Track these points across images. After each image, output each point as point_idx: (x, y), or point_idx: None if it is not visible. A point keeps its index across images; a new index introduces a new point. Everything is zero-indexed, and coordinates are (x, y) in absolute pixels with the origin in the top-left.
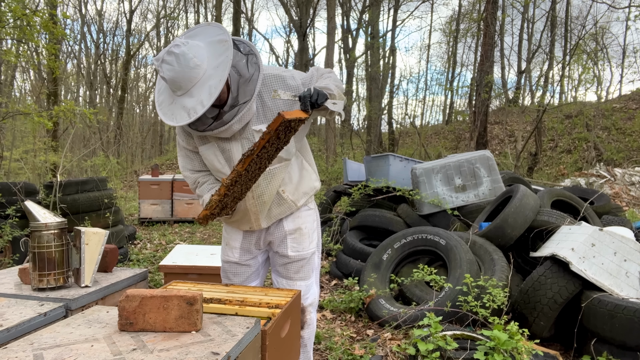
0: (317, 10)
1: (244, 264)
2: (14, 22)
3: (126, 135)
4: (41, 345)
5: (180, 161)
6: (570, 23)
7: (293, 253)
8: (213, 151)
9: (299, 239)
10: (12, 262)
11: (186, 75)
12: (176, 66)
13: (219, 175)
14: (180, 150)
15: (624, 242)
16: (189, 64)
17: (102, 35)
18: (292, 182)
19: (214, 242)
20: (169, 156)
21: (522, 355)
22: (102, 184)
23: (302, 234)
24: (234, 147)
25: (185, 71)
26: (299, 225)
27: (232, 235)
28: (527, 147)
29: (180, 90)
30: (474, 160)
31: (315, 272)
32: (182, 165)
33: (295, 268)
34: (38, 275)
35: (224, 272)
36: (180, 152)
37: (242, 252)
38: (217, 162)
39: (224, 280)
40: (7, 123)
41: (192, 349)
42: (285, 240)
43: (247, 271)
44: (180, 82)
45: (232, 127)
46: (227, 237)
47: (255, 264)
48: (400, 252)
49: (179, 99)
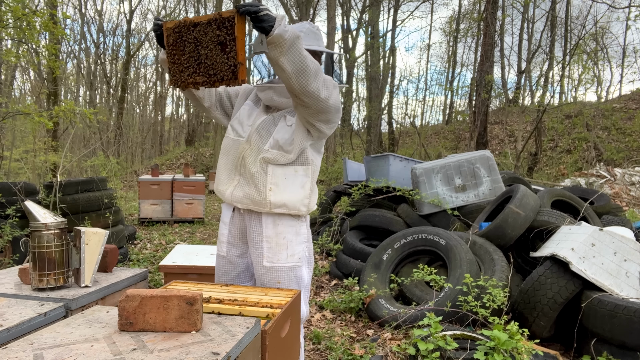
0: (317, 10)
1: (232, 261)
2: (14, 22)
3: (126, 135)
4: (41, 345)
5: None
6: (570, 23)
7: (267, 263)
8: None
9: (275, 248)
10: (12, 262)
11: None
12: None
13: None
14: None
15: (624, 242)
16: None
17: (102, 35)
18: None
19: (213, 242)
20: (169, 156)
21: (522, 355)
22: (102, 184)
23: (280, 244)
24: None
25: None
26: (278, 232)
27: (221, 229)
28: (527, 147)
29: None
30: (474, 160)
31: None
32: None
33: (270, 279)
34: (38, 275)
35: (216, 269)
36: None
37: (229, 246)
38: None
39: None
40: (7, 123)
41: (192, 349)
42: (261, 244)
43: (233, 270)
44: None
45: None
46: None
47: (242, 264)
48: (400, 252)
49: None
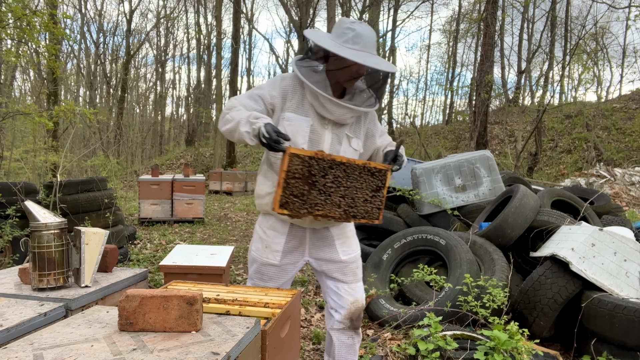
0: (317, 10)
1: (285, 268)
2: (14, 22)
3: (126, 135)
4: (41, 345)
5: (240, 97)
6: (570, 23)
7: (346, 257)
8: (306, 125)
9: (347, 242)
10: (12, 262)
11: (372, 40)
12: (369, 30)
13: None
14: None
15: (624, 242)
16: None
17: (102, 35)
18: None
19: (214, 242)
20: (169, 156)
21: (522, 355)
22: (102, 184)
23: (348, 237)
24: (326, 135)
25: (373, 37)
26: (343, 227)
27: (273, 238)
28: (527, 147)
29: (357, 46)
30: (474, 160)
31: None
32: (240, 100)
33: (352, 270)
34: (38, 275)
35: (259, 273)
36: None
37: (284, 255)
38: (300, 137)
39: (255, 282)
40: (7, 123)
41: (192, 349)
42: (333, 245)
43: (284, 277)
44: (366, 41)
45: (347, 115)
46: (267, 239)
47: (292, 271)
48: (400, 252)
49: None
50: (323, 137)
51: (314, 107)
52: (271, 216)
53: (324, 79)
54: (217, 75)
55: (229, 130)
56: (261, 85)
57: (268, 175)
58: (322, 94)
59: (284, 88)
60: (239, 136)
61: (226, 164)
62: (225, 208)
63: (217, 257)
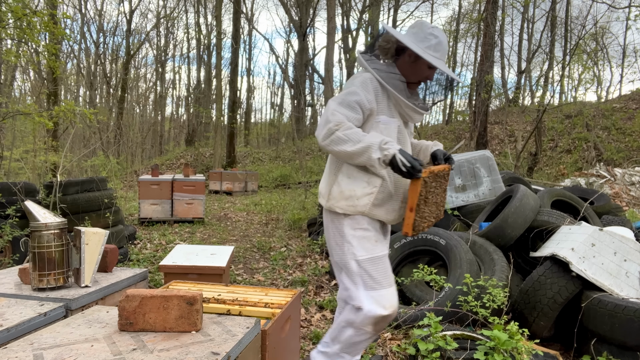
0: (317, 10)
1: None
2: (14, 22)
3: (126, 135)
4: (41, 345)
5: (339, 107)
6: (570, 23)
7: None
8: (395, 127)
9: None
10: (12, 262)
11: (446, 48)
12: (445, 37)
13: None
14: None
15: (624, 242)
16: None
17: (102, 35)
18: None
19: (213, 242)
20: (169, 156)
21: (522, 355)
22: (102, 184)
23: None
24: (406, 134)
25: (446, 45)
26: None
27: (375, 232)
28: (527, 147)
29: (437, 53)
30: (474, 160)
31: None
32: (340, 110)
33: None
34: (38, 275)
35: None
36: (349, 99)
37: (384, 245)
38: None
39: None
40: (7, 123)
41: (192, 349)
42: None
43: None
44: (445, 49)
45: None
46: (375, 234)
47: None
48: (400, 252)
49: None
50: (405, 136)
51: (395, 107)
52: (364, 215)
53: (400, 82)
54: (217, 75)
55: (348, 153)
56: (353, 90)
57: (357, 176)
58: (410, 105)
59: (374, 90)
60: (365, 161)
61: (226, 164)
62: (225, 208)
63: (217, 257)
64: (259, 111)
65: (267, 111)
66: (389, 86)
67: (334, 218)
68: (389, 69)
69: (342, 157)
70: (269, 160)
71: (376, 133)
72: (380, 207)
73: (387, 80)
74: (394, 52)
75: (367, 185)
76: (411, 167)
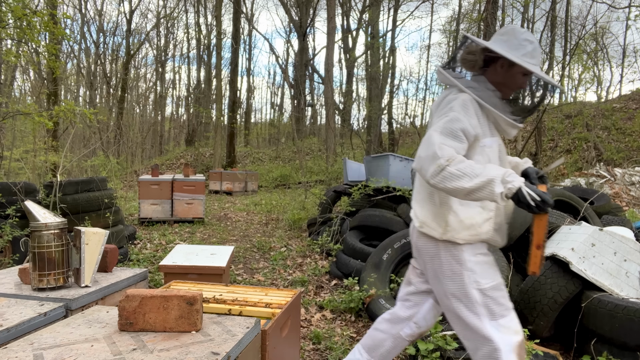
0: (317, 10)
1: None
2: (14, 23)
3: (126, 135)
4: (41, 345)
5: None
6: (570, 23)
7: None
8: (497, 147)
9: None
10: (12, 262)
11: (540, 52)
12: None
13: None
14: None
15: (624, 242)
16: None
17: (102, 35)
18: None
19: (213, 242)
20: (169, 156)
21: None
22: (102, 184)
23: None
24: (504, 150)
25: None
26: None
27: (491, 256)
28: (527, 147)
29: (534, 60)
30: None
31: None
32: (448, 143)
33: None
34: (38, 275)
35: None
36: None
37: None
38: (495, 160)
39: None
40: (7, 123)
41: (192, 349)
42: None
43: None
44: (538, 54)
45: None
46: (491, 259)
47: None
48: (400, 252)
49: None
50: (505, 154)
51: (494, 124)
52: (483, 242)
53: (497, 97)
54: (217, 75)
55: (466, 190)
56: (455, 117)
57: (469, 202)
58: (509, 122)
59: (476, 113)
60: (485, 196)
61: (226, 164)
62: (225, 208)
63: (217, 257)
64: (259, 111)
65: (267, 111)
66: (489, 105)
67: (448, 247)
68: (483, 86)
69: (457, 194)
70: (269, 160)
71: (492, 165)
72: (497, 231)
73: (486, 100)
74: (482, 64)
75: (482, 210)
76: (541, 202)
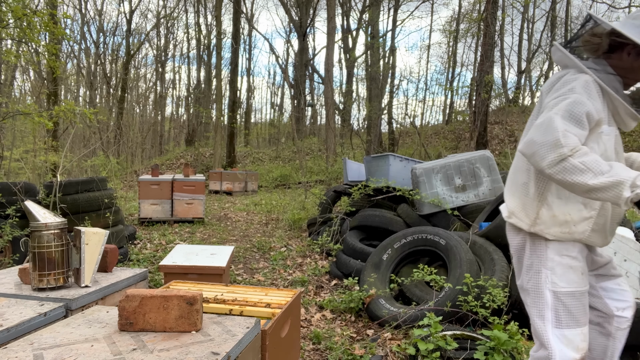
0: (317, 10)
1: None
2: (14, 23)
3: (126, 135)
4: (41, 345)
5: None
6: (570, 23)
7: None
8: (614, 137)
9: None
10: (12, 262)
11: None
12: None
13: None
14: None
15: (624, 242)
16: None
17: (102, 35)
18: None
19: (213, 242)
20: (169, 156)
21: (522, 355)
22: (102, 184)
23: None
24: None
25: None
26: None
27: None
28: None
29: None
30: (474, 160)
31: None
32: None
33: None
34: (38, 275)
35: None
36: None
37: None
38: (611, 151)
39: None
40: (7, 123)
41: (192, 349)
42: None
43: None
44: None
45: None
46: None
47: None
48: (400, 252)
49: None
50: (621, 146)
51: (613, 113)
52: (578, 242)
53: (619, 84)
54: (217, 75)
55: (588, 186)
56: (579, 99)
57: (570, 197)
58: (631, 112)
59: (599, 96)
60: (610, 197)
61: (226, 164)
62: (225, 208)
63: (217, 257)
64: (259, 111)
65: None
66: (612, 90)
67: (534, 240)
68: (605, 69)
69: (575, 189)
70: (269, 160)
71: (620, 164)
72: (598, 232)
73: (608, 84)
74: (607, 49)
75: (583, 208)
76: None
